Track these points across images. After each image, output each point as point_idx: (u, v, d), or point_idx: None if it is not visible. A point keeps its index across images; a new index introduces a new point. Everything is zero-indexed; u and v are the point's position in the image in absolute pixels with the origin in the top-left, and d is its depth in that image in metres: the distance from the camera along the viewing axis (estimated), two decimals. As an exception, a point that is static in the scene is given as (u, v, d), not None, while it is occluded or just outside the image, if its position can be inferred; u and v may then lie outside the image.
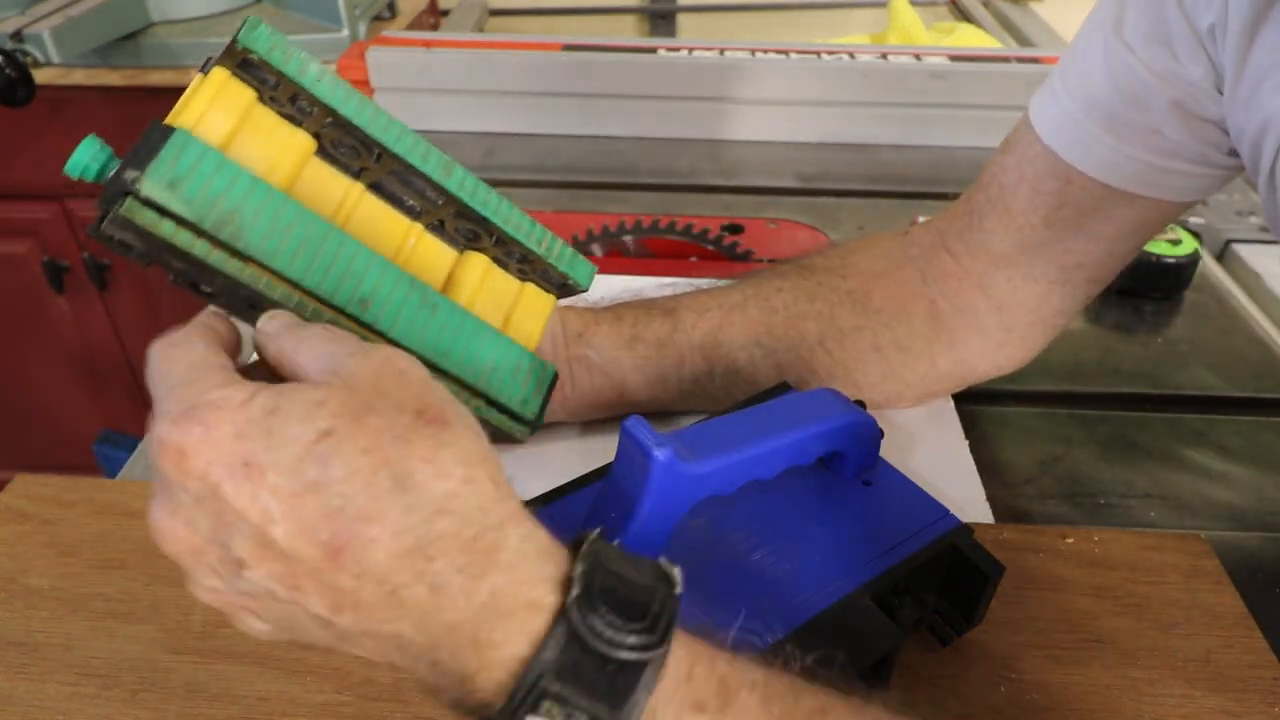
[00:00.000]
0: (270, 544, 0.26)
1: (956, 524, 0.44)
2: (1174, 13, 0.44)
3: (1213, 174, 0.48)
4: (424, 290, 0.40)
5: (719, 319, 0.56)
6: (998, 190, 0.53)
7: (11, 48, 1.00)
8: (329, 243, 0.36)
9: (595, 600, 0.27)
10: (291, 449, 0.26)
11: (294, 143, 0.37)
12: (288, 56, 0.35)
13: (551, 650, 0.26)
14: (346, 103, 0.36)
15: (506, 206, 0.42)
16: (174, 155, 0.33)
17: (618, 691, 0.26)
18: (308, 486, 0.26)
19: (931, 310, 0.56)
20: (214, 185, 0.33)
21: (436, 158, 0.39)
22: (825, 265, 0.58)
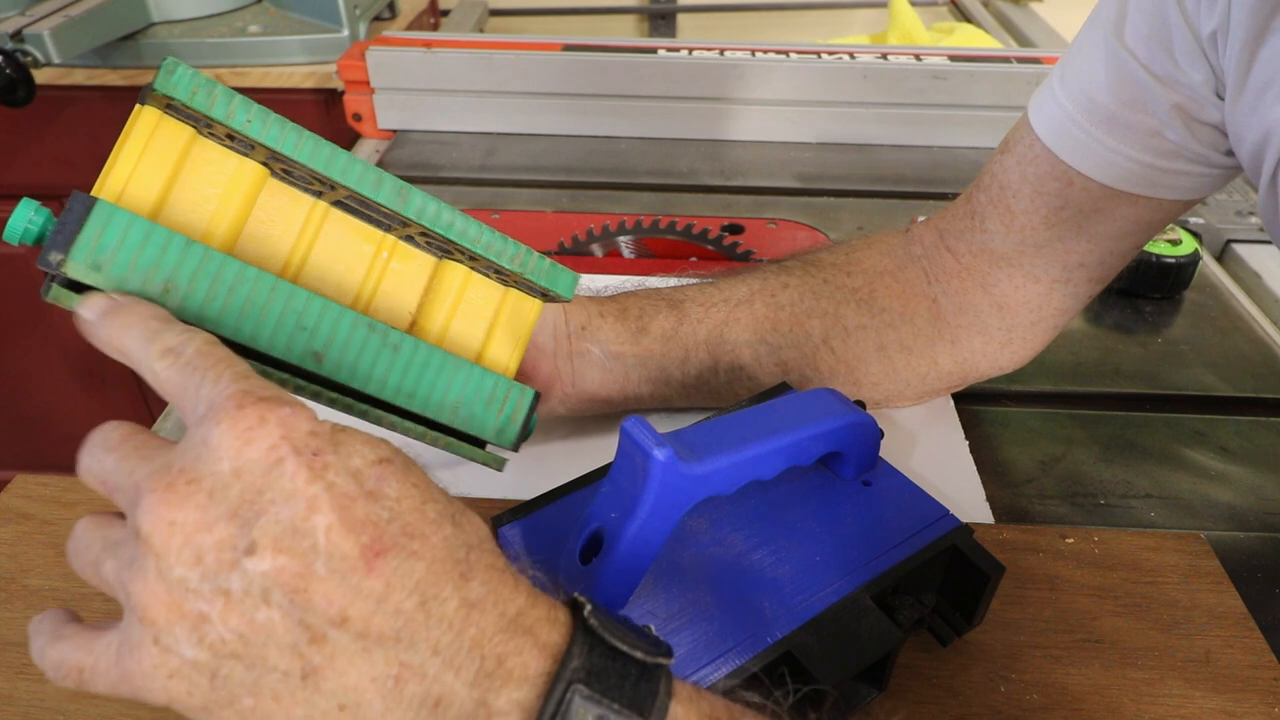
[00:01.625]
0: (303, 534, 0.26)
1: (956, 524, 0.44)
2: (1175, 17, 0.44)
3: (1213, 174, 0.48)
4: (384, 332, 0.38)
5: (725, 314, 0.56)
6: (998, 191, 0.53)
7: (11, 48, 1.00)
8: (276, 297, 0.34)
9: (604, 617, 0.28)
10: (355, 460, 0.27)
11: (243, 173, 0.35)
12: (212, 100, 0.32)
13: (577, 657, 0.27)
14: (283, 140, 0.34)
15: (474, 227, 0.40)
16: (97, 231, 0.31)
17: (643, 697, 0.27)
18: (363, 494, 0.27)
19: (934, 310, 0.57)
20: (144, 257, 0.31)
21: (390, 185, 0.37)
22: (831, 262, 0.58)
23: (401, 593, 0.26)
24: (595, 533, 0.38)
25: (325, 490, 0.26)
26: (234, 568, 0.25)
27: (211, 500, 0.26)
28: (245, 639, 0.25)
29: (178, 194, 0.34)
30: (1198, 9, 0.43)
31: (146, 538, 0.26)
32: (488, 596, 0.27)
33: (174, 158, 0.33)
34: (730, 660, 0.37)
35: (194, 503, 0.26)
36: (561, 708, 0.26)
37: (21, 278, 1.36)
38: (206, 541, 0.26)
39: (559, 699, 0.26)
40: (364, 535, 0.26)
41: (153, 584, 0.26)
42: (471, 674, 0.26)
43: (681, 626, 0.39)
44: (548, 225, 0.85)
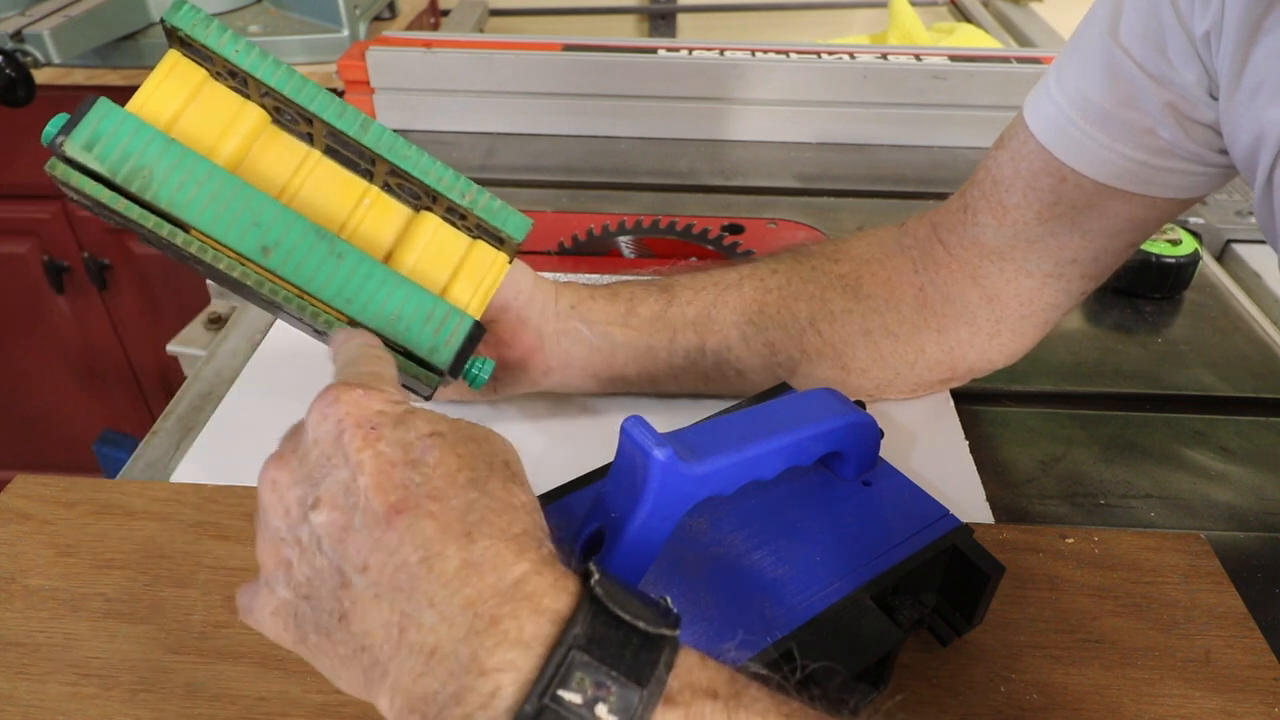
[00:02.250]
0: (350, 492, 0.30)
1: (956, 524, 0.44)
2: (1169, 17, 0.44)
3: (1208, 172, 0.48)
4: (330, 239, 0.42)
5: (714, 296, 0.57)
6: (991, 186, 0.53)
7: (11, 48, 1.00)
8: (236, 196, 0.40)
9: (613, 588, 0.29)
10: (410, 434, 0.31)
11: (245, 114, 0.41)
12: (209, 31, 0.39)
13: (580, 624, 0.27)
14: (260, 67, 0.40)
15: (427, 160, 0.44)
16: (94, 120, 0.37)
17: (643, 666, 0.27)
18: (405, 461, 0.30)
19: (920, 298, 0.57)
20: (129, 146, 0.38)
21: (353, 115, 0.42)
22: (820, 251, 0.60)
23: (410, 547, 0.28)
24: (595, 532, 0.39)
25: (372, 457, 0.30)
26: (304, 520, 0.30)
27: (300, 464, 0.31)
28: (310, 581, 0.30)
29: (184, 122, 0.40)
30: (1191, 9, 0.43)
31: (259, 498, 0.32)
32: (488, 560, 0.28)
33: (186, 92, 0.40)
34: (730, 660, 0.37)
35: (288, 468, 0.31)
36: (560, 670, 0.26)
37: (21, 278, 1.36)
38: (291, 498, 0.31)
39: (558, 662, 0.27)
40: (393, 495, 0.29)
41: (262, 534, 0.32)
42: (463, 630, 0.27)
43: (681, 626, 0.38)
44: (548, 225, 0.85)
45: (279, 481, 0.31)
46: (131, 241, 1.30)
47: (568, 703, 0.26)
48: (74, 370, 1.47)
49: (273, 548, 0.31)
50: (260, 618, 0.32)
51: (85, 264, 1.32)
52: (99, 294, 1.36)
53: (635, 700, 0.26)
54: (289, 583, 0.31)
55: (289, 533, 0.31)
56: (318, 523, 0.30)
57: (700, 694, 0.28)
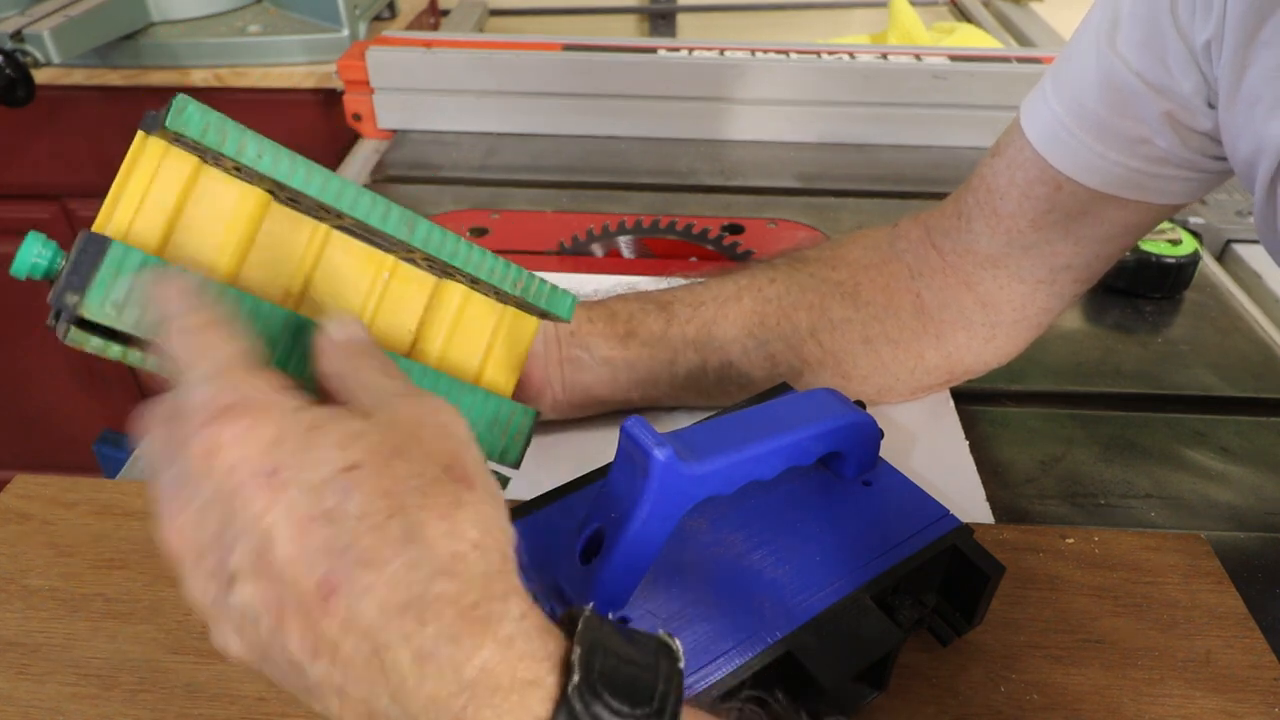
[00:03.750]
0: (268, 564, 0.25)
1: (956, 524, 0.44)
2: (1169, 26, 0.44)
3: (1202, 178, 0.48)
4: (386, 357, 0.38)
5: (712, 312, 0.56)
6: (986, 193, 0.53)
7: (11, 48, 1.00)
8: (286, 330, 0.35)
9: (597, 686, 0.25)
10: (319, 471, 0.26)
11: (247, 201, 0.35)
12: (224, 137, 0.33)
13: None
14: (293, 175, 0.35)
15: (477, 254, 0.40)
16: (113, 273, 0.31)
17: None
18: (322, 514, 0.25)
19: (918, 305, 0.57)
20: None
21: (397, 215, 0.37)
22: (816, 257, 0.59)
23: (355, 638, 0.25)
24: (595, 533, 0.38)
25: (283, 517, 0.25)
26: (229, 592, 0.26)
27: (200, 524, 0.26)
28: (262, 651, 0.26)
29: (184, 225, 0.34)
30: (1192, 19, 0.43)
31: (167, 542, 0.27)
32: (442, 649, 0.25)
33: (179, 188, 0.34)
34: (730, 660, 0.37)
35: (189, 528, 0.26)
36: None
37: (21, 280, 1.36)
38: (207, 565, 0.26)
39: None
40: (319, 568, 0.25)
41: (191, 589, 0.27)
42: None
43: (681, 626, 0.39)
44: (548, 225, 0.85)
45: (182, 548, 0.27)
46: (131, 241, 1.30)
47: None
48: (74, 370, 1.46)
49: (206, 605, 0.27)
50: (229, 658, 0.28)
51: (85, 264, 1.32)
52: (99, 294, 1.36)
53: None
54: (240, 644, 0.27)
55: (218, 600, 0.26)
56: (244, 600, 0.26)
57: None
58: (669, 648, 0.28)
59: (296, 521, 0.25)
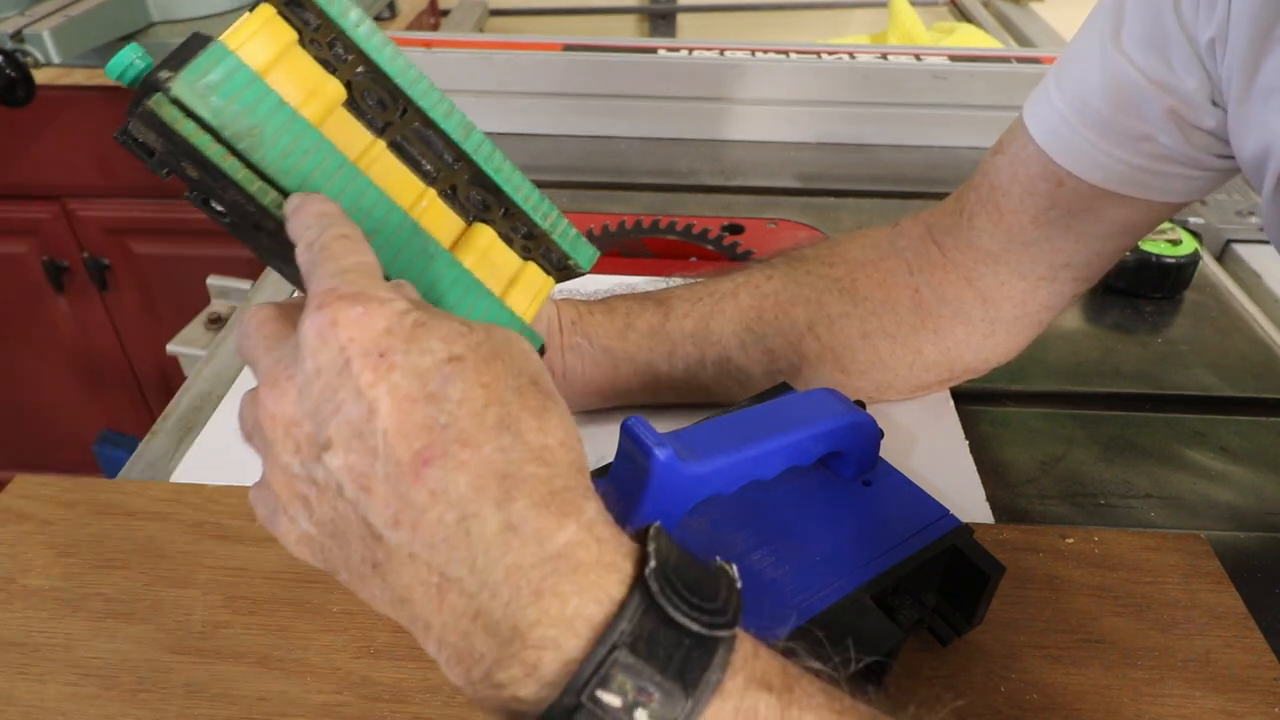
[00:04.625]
0: (365, 435, 0.27)
1: (956, 524, 0.44)
2: (1172, 24, 0.44)
3: (1206, 176, 0.48)
4: (426, 239, 0.40)
5: (710, 307, 0.57)
6: (989, 189, 0.53)
7: (11, 48, 1.00)
8: (341, 174, 0.37)
9: (670, 575, 0.27)
10: (425, 359, 0.27)
11: (326, 88, 0.38)
12: None
13: (627, 620, 0.26)
14: (381, 51, 0.37)
15: (519, 177, 0.42)
16: (209, 63, 0.34)
17: (691, 669, 0.26)
18: (424, 396, 0.27)
19: (916, 299, 0.57)
20: (242, 98, 0.34)
21: (459, 118, 0.40)
22: (814, 255, 0.59)
23: (444, 505, 0.26)
24: (595, 533, 0.38)
25: (387, 393, 0.27)
26: (318, 461, 0.27)
27: (301, 396, 0.28)
28: (334, 524, 0.28)
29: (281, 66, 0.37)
30: (1195, 16, 0.43)
31: (260, 425, 0.29)
32: (528, 524, 0.26)
33: (277, 49, 0.37)
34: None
35: (289, 399, 0.28)
36: (601, 670, 0.25)
37: (21, 278, 1.36)
38: (299, 435, 0.28)
39: (599, 661, 0.25)
40: (417, 441, 0.26)
41: (273, 467, 0.29)
42: (506, 599, 0.26)
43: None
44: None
45: (278, 415, 0.28)
46: (131, 241, 1.30)
47: (605, 704, 0.25)
48: (74, 370, 1.47)
49: (285, 481, 0.28)
50: (285, 543, 0.30)
51: (85, 264, 1.32)
52: (99, 294, 1.36)
53: (679, 706, 0.25)
54: (310, 519, 0.28)
55: (302, 469, 0.28)
56: (334, 466, 0.27)
57: (754, 685, 0.27)
58: (727, 569, 0.29)
59: (400, 398, 0.27)
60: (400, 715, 0.42)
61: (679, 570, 0.27)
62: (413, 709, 0.42)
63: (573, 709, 0.25)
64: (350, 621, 0.45)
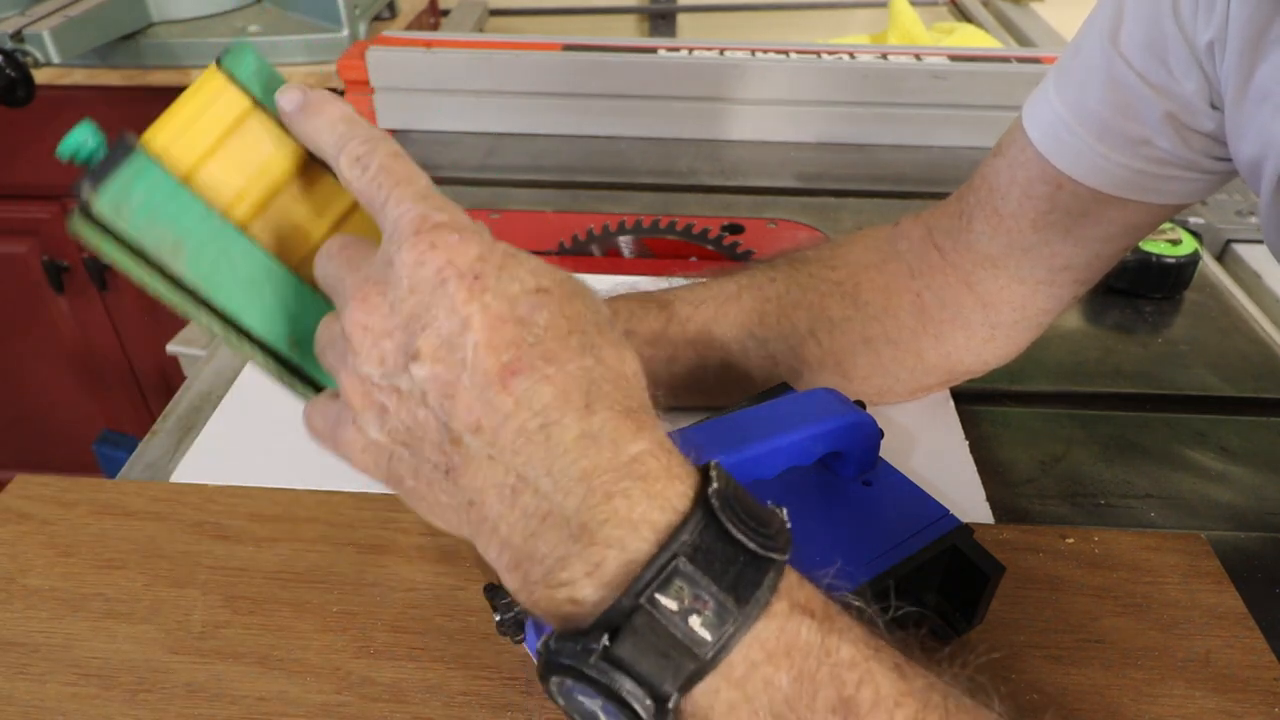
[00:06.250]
0: (455, 347, 0.28)
1: (956, 524, 0.44)
2: (1171, 26, 0.44)
3: (1205, 178, 0.48)
4: None
5: (713, 311, 0.56)
6: (987, 192, 0.53)
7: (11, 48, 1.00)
8: (270, 282, 0.36)
9: (730, 499, 0.28)
10: (515, 286, 0.29)
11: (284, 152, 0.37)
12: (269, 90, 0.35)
13: (689, 533, 0.27)
14: None
15: None
16: (129, 178, 0.33)
17: (744, 585, 0.27)
18: (514, 317, 0.29)
19: (918, 304, 0.57)
20: (163, 214, 0.34)
21: None
22: (816, 257, 0.59)
23: (527, 412, 0.28)
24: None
25: (480, 310, 0.28)
26: (403, 370, 0.29)
27: (392, 310, 0.29)
28: (410, 431, 0.30)
29: (221, 154, 0.36)
30: (1194, 19, 0.43)
31: (348, 337, 0.30)
32: (606, 433, 0.28)
33: (227, 122, 0.35)
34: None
35: (380, 312, 0.30)
36: (662, 574, 0.26)
37: (21, 278, 1.36)
38: (387, 345, 0.29)
39: (661, 565, 0.27)
40: (505, 354, 0.28)
41: (352, 376, 0.30)
42: (578, 500, 0.27)
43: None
44: (548, 225, 0.85)
45: (370, 326, 0.30)
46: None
47: (664, 607, 0.26)
48: (74, 370, 1.47)
49: (363, 390, 0.30)
50: (347, 451, 0.32)
51: (85, 264, 1.32)
52: (99, 294, 1.36)
53: (731, 618, 0.27)
54: (384, 428, 0.30)
55: (384, 379, 0.30)
56: (420, 375, 0.29)
57: (798, 609, 0.28)
58: (778, 511, 0.30)
59: (492, 316, 0.28)
60: (400, 715, 0.42)
61: (738, 498, 0.29)
62: (413, 709, 0.42)
63: (630, 610, 0.26)
64: (350, 621, 0.45)
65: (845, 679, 0.27)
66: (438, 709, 0.42)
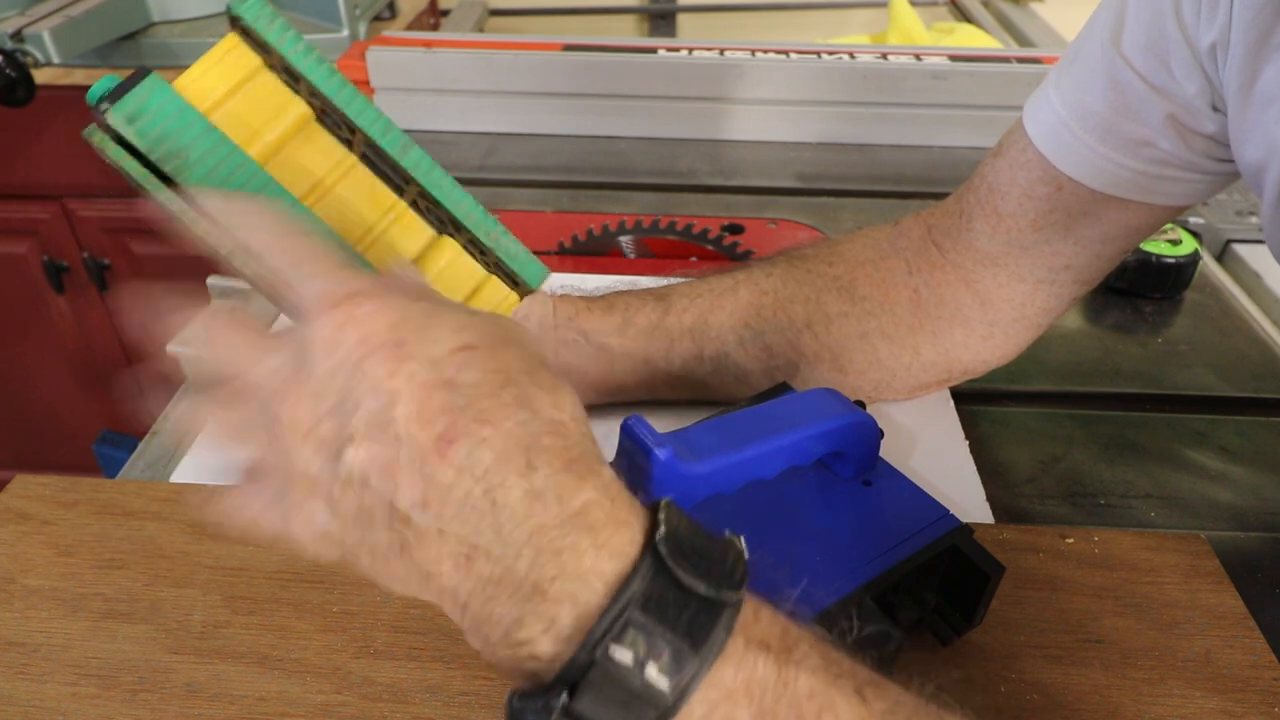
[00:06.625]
0: (387, 424, 0.28)
1: (956, 524, 0.44)
2: (1173, 29, 0.44)
3: (1206, 180, 0.48)
4: (346, 248, 0.41)
5: (709, 302, 0.57)
6: (988, 192, 0.53)
7: (11, 48, 1.00)
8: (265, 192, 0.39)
9: (680, 542, 0.28)
10: (438, 347, 0.29)
11: (290, 108, 0.40)
12: (271, 26, 0.39)
13: (639, 581, 0.27)
14: (316, 72, 0.40)
15: (459, 193, 0.43)
16: (142, 94, 0.37)
17: (698, 628, 0.27)
18: (441, 382, 0.28)
19: (915, 300, 0.57)
20: (170, 125, 0.37)
21: (396, 135, 0.41)
22: (814, 254, 0.59)
23: (470, 479, 0.28)
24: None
25: (405, 382, 0.28)
26: (339, 458, 0.28)
27: (316, 400, 0.29)
28: (359, 515, 0.29)
29: (231, 106, 0.39)
30: (1197, 22, 0.43)
31: (281, 430, 0.29)
32: (550, 489, 0.28)
33: (238, 77, 0.39)
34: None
35: (303, 403, 0.29)
36: (614, 627, 0.27)
37: (21, 278, 1.36)
38: (318, 436, 0.29)
39: (613, 617, 0.27)
40: (439, 423, 0.28)
41: (289, 471, 0.29)
42: (529, 560, 0.28)
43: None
44: (548, 225, 0.85)
45: (296, 421, 0.29)
46: (131, 241, 1.30)
47: (618, 661, 0.26)
48: (74, 370, 1.47)
49: (306, 482, 0.29)
50: (297, 536, 0.30)
51: (85, 264, 1.32)
52: (99, 294, 1.36)
53: (687, 663, 0.27)
54: (333, 514, 0.29)
55: (325, 469, 0.29)
56: (358, 460, 0.28)
57: (754, 645, 0.28)
58: (735, 540, 0.30)
59: (419, 386, 0.28)
60: (400, 715, 0.42)
61: (688, 537, 0.29)
62: (413, 709, 0.42)
63: (587, 665, 0.26)
64: (350, 621, 0.45)
65: (805, 710, 0.28)
66: (438, 709, 0.42)
